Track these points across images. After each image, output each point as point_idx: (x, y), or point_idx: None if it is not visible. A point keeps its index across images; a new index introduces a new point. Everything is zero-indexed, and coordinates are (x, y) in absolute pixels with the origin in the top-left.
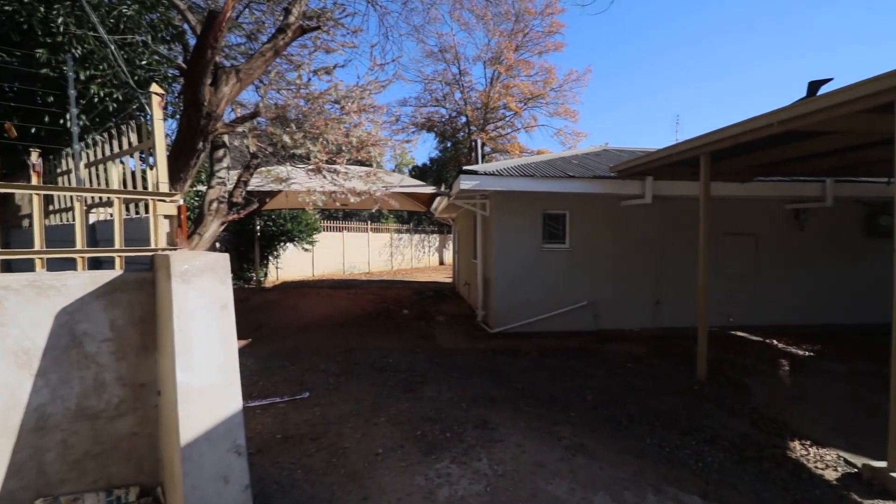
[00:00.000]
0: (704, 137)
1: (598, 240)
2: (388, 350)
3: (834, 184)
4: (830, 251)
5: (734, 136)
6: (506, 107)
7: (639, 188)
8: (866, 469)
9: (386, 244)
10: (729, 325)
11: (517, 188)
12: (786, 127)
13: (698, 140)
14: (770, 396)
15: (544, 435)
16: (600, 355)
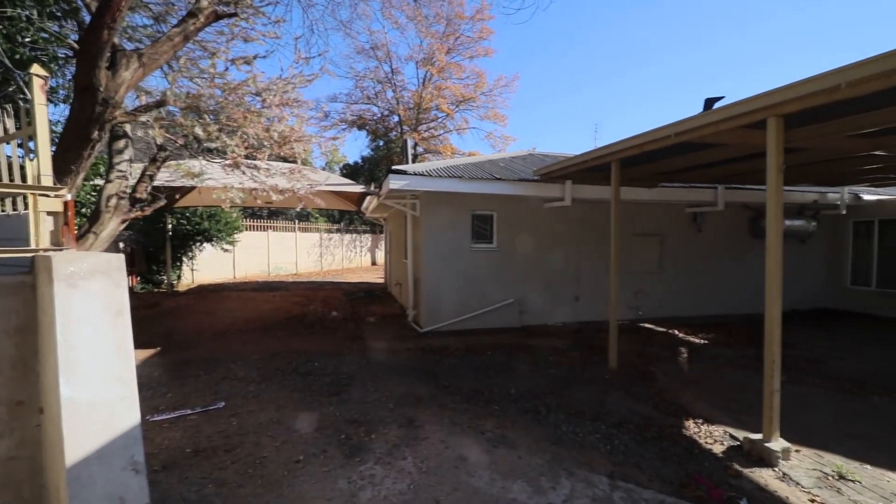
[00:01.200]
0: (615, 145)
1: (524, 240)
2: (314, 354)
3: (724, 190)
4: (722, 250)
5: (639, 144)
6: (438, 108)
7: (560, 191)
8: (746, 441)
9: (315, 244)
10: (638, 318)
11: (446, 189)
12: (682, 138)
13: (609, 148)
14: (670, 381)
15: (468, 429)
16: (525, 350)
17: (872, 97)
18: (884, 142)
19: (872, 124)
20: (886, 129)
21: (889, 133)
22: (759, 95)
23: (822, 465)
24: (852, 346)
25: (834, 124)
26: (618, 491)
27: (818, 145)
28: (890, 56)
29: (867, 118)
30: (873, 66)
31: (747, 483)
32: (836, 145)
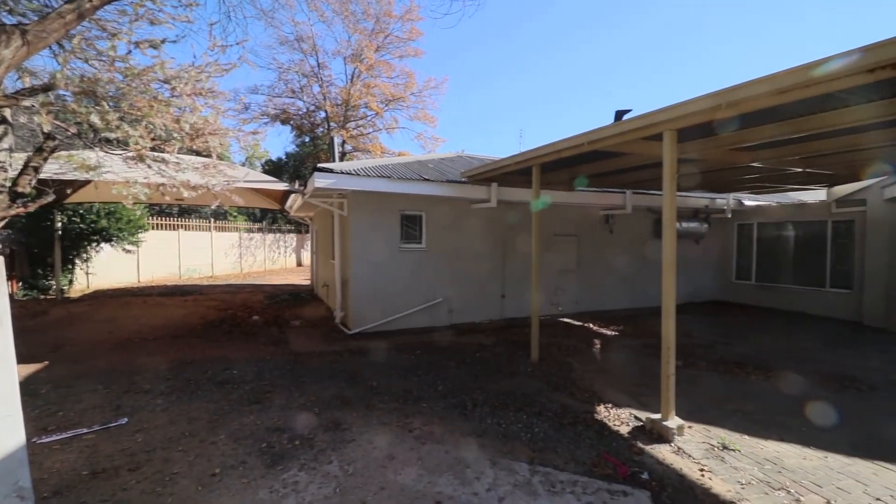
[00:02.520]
0: (535, 151)
1: (452, 240)
2: (232, 361)
3: (632, 195)
4: (631, 249)
5: (557, 151)
6: (367, 106)
7: (486, 193)
8: (648, 421)
9: (234, 244)
10: (558, 313)
11: (375, 188)
12: (594, 146)
13: (531, 153)
14: (585, 371)
15: (396, 428)
16: (453, 348)
17: (748, 116)
18: (759, 155)
19: (750, 139)
20: (761, 144)
21: (763, 147)
22: (656, 111)
23: (710, 438)
24: (736, 333)
25: (719, 139)
26: (537, 475)
27: (708, 156)
28: (757, 82)
29: (745, 134)
30: (745, 91)
31: (648, 458)
32: (722, 157)
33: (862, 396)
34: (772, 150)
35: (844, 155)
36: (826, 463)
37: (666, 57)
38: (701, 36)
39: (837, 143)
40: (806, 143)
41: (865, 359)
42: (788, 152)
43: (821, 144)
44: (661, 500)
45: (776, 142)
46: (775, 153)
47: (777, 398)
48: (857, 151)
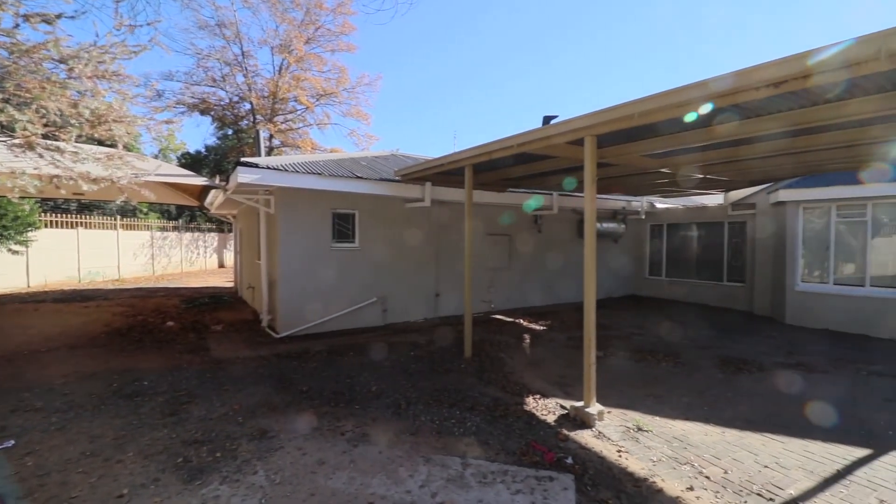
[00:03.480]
0: (468, 151)
1: (386, 239)
2: (143, 372)
3: (558, 197)
4: (558, 247)
5: (488, 152)
6: (297, 100)
7: (420, 192)
8: (572, 409)
9: (145, 244)
10: (491, 310)
11: (305, 185)
12: (522, 149)
13: (463, 153)
14: (515, 365)
15: (327, 433)
16: (387, 348)
17: (657, 125)
18: (667, 162)
19: (659, 147)
20: (668, 151)
21: (670, 155)
22: (578, 117)
23: (627, 422)
24: (649, 324)
25: (633, 145)
26: (469, 468)
27: (624, 162)
28: (664, 95)
29: (655, 142)
30: (653, 102)
31: (573, 444)
32: (637, 162)
33: (753, 377)
34: (676, 157)
35: (736, 163)
36: (724, 437)
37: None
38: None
39: (728, 153)
40: (703, 152)
41: (755, 344)
42: (690, 160)
43: (715, 154)
44: (584, 482)
45: (679, 150)
46: (680, 160)
47: (683, 382)
48: (747, 161)
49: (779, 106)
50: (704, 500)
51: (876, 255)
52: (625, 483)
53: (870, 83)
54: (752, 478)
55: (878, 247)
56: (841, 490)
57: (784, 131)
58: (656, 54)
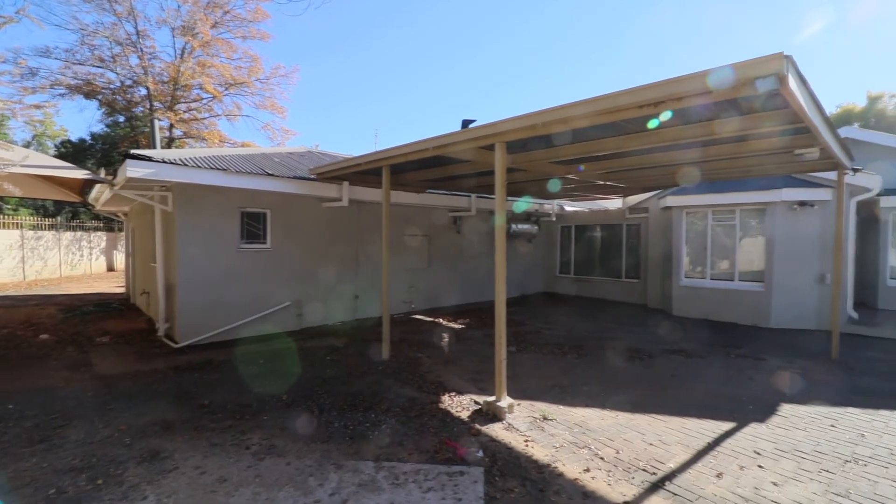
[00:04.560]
0: (385, 152)
1: (301, 239)
2: (6, 393)
3: (476, 199)
4: (476, 248)
5: (405, 153)
6: (202, 88)
7: (337, 192)
8: (485, 404)
9: (13, 245)
10: (412, 310)
11: (208, 182)
12: (438, 151)
13: (380, 154)
14: (433, 364)
15: (231, 448)
16: (301, 353)
17: (559, 135)
18: (571, 169)
19: (563, 155)
20: (572, 159)
21: (573, 163)
22: (489, 124)
23: (534, 412)
24: (558, 320)
25: (541, 152)
26: (382, 471)
27: (534, 167)
28: (562, 108)
29: (559, 151)
30: (552, 114)
31: (484, 437)
32: (545, 168)
33: (644, 364)
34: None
35: (628, 172)
36: (617, 420)
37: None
38: None
39: (623, 162)
40: (603, 161)
41: (647, 334)
42: (591, 168)
43: (613, 163)
44: (493, 473)
45: (582, 158)
46: (584, 167)
47: (585, 371)
48: (636, 170)
49: (638, 126)
50: (599, 479)
51: (743, 253)
52: (530, 470)
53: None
54: (639, 455)
55: (744, 247)
56: (710, 460)
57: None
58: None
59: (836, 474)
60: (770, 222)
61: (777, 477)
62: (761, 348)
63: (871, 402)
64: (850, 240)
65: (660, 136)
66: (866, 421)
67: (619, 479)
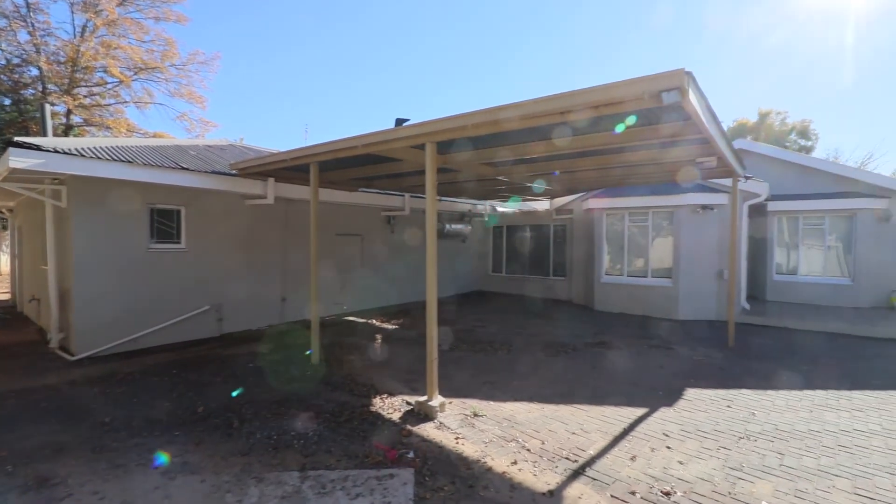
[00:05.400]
0: (312, 148)
1: (222, 239)
2: None
3: (409, 198)
4: (411, 247)
5: (333, 150)
6: (107, 70)
7: (262, 188)
8: (416, 404)
9: None
10: (344, 312)
11: (109, 175)
12: (368, 150)
13: (307, 150)
14: (365, 366)
15: (136, 467)
16: (222, 361)
17: (488, 138)
18: (501, 171)
19: (493, 157)
20: (503, 161)
21: (503, 165)
22: (420, 123)
23: (465, 410)
24: (490, 318)
25: (472, 154)
26: (308, 481)
27: (467, 168)
28: (491, 110)
29: (488, 152)
30: (482, 116)
31: (416, 438)
32: (477, 169)
33: (569, 357)
34: (508, 167)
35: (557, 175)
36: (543, 413)
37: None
38: None
39: (542, 166)
40: (529, 164)
41: (572, 329)
42: (520, 170)
43: (541, 166)
44: (423, 473)
45: (509, 161)
46: (511, 170)
47: (514, 367)
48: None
49: (562, 132)
50: (525, 471)
51: (655, 252)
52: (460, 467)
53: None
54: (563, 445)
55: (656, 246)
56: (626, 444)
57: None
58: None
59: (731, 450)
60: (677, 224)
61: (682, 456)
62: (671, 339)
63: (760, 384)
64: (744, 240)
65: (581, 141)
66: (756, 400)
67: (544, 469)
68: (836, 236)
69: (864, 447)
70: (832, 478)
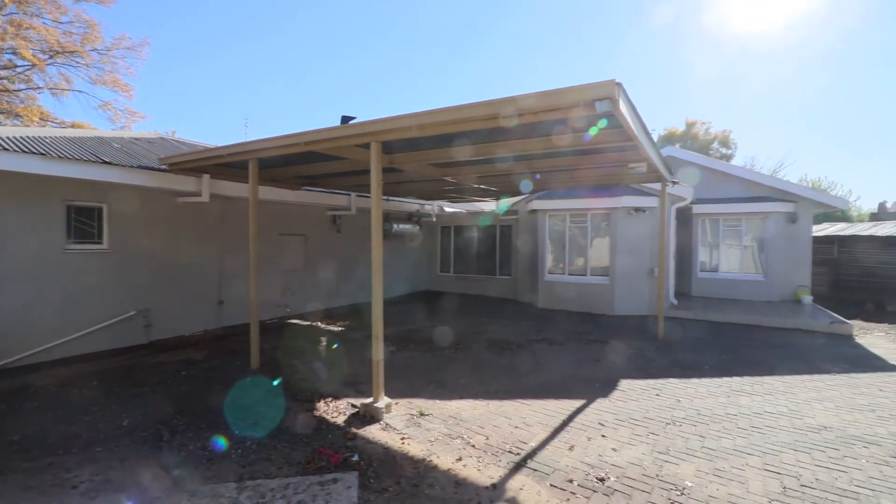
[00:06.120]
0: (250, 144)
1: (150, 239)
2: None
3: (356, 197)
4: (358, 247)
5: (274, 147)
6: (16, 52)
7: (196, 185)
8: (362, 406)
9: None
10: (287, 315)
11: (14, 167)
12: (311, 147)
13: (245, 146)
14: (309, 370)
15: (51, 489)
16: (150, 370)
17: (434, 139)
18: (447, 172)
19: (439, 158)
20: (448, 162)
21: (450, 166)
22: (364, 122)
23: (412, 410)
24: (438, 317)
25: (418, 154)
26: (245, 491)
27: (413, 169)
28: (434, 112)
29: (435, 153)
30: (428, 117)
31: (361, 440)
32: (424, 170)
33: (514, 354)
34: (454, 168)
35: (498, 176)
36: (488, 409)
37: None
38: None
39: (494, 167)
40: (475, 165)
41: (517, 327)
42: (466, 171)
43: (485, 167)
44: (368, 476)
45: (454, 162)
46: (457, 171)
47: (461, 365)
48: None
49: (503, 136)
50: (470, 466)
51: (594, 251)
52: (405, 467)
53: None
54: (506, 439)
55: (595, 246)
56: (565, 435)
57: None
58: None
59: (659, 435)
60: (613, 225)
61: (616, 444)
62: (607, 333)
63: (685, 373)
64: (672, 240)
65: (521, 145)
66: (681, 388)
67: (488, 464)
68: (752, 237)
69: (773, 427)
70: (745, 456)
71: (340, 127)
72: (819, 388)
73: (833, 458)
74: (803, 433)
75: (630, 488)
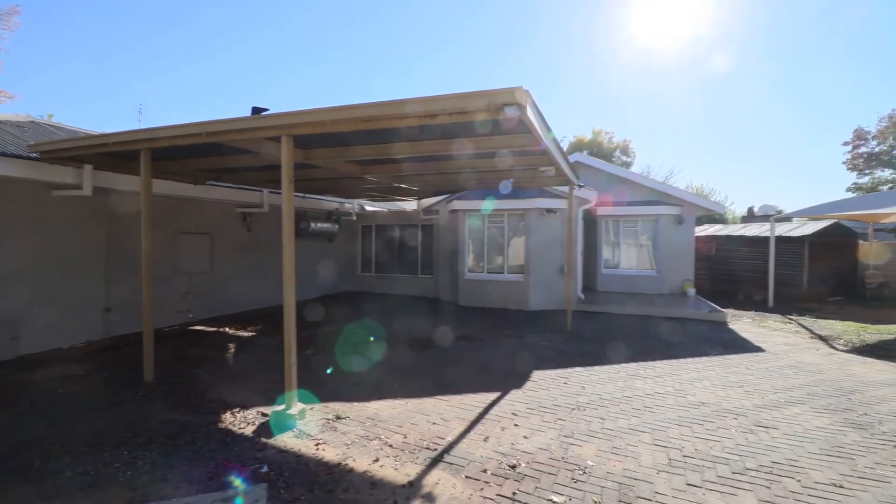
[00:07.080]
0: (145, 132)
1: (15, 238)
2: None
3: (269, 194)
4: (271, 247)
5: (170, 137)
6: None
7: (75, 177)
8: (273, 415)
9: None
10: (189, 321)
11: None
12: (214, 139)
13: (136, 134)
14: (214, 379)
15: None
16: (17, 389)
17: (349, 135)
18: (368, 170)
19: (356, 155)
20: (367, 160)
21: (370, 164)
22: (273, 115)
23: (328, 414)
24: (358, 317)
25: (336, 151)
26: None
27: (331, 165)
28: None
29: (352, 151)
30: (341, 113)
31: (271, 451)
32: (343, 167)
33: (434, 351)
34: (374, 166)
35: (419, 176)
36: (407, 408)
37: None
38: None
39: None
40: (394, 164)
41: (438, 325)
42: (387, 170)
43: (402, 167)
44: (278, 486)
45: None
46: (377, 169)
47: (382, 365)
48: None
49: (420, 135)
50: (387, 466)
51: (511, 250)
52: (319, 474)
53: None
54: (424, 436)
55: (512, 245)
56: (480, 427)
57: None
58: None
59: (566, 421)
60: (528, 225)
61: (527, 431)
62: (523, 328)
63: (589, 361)
64: (579, 239)
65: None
66: (586, 376)
67: (405, 462)
68: (646, 236)
69: (661, 406)
70: (638, 434)
71: (248, 118)
72: (699, 369)
73: (709, 429)
74: (686, 409)
75: (538, 472)
